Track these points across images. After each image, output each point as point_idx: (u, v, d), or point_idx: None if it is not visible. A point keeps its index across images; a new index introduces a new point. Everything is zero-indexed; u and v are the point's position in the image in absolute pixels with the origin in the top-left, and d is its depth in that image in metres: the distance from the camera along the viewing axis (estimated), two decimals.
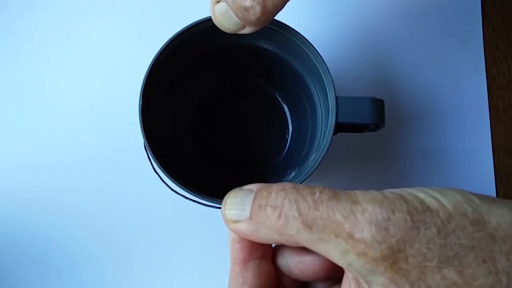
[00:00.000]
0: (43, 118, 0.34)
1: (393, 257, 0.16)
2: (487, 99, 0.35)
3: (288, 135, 0.33)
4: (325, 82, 0.26)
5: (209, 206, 0.28)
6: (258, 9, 0.21)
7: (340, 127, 0.25)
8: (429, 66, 0.35)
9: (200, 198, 0.24)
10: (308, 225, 0.18)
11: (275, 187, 0.19)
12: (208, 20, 0.25)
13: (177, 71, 0.29)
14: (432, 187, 0.18)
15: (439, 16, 0.36)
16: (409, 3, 0.36)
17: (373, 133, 0.28)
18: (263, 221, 0.19)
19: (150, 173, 0.28)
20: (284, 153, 0.32)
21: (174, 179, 0.24)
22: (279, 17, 0.26)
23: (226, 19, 0.22)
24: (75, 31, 0.35)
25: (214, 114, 0.33)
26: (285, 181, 0.29)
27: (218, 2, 0.22)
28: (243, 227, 0.20)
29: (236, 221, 0.20)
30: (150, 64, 0.25)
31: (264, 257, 0.21)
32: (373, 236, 0.16)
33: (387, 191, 0.18)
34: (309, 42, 0.26)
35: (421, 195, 0.17)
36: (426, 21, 0.36)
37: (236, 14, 0.22)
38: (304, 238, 0.18)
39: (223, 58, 0.30)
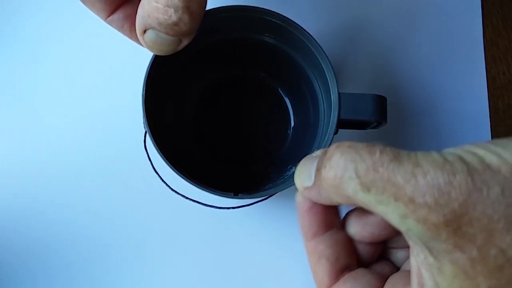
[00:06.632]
0: (47, 115, 0.34)
1: (456, 222, 0.15)
2: (487, 99, 0.35)
3: (290, 130, 0.33)
4: (328, 78, 0.26)
5: (209, 206, 0.28)
6: (186, 18, 0.20)
7: (342, 124, 0.25)
8: (430, 66, 0.35)
9: (202, 189, 0.24)
10: (367, 187, 0.17)
11: (332, 146, 0.18)
12: (212, 13, 0.25)
13: (179, 64, 0.28)
14: (494, 141, 0.17)
15: (439, 16, 0.36)
16: (410, 3, 0.36)
17: (375, 130, 0.28)
18: (321, 183, 0.18)
19: (151, 173, 0.28)
20: (285, 148, 0.32)
21: (177, 169, 0.24)
22: (284, 12, 0.26)
23: (161, 44, 0.22)
24: (74, 29, 0.35)
25: (216, 107, 0.33)
26: (286, 176, 0.29)
27: (145, 32, 0.22)
28: (310, 193, 0.19)
29: (306, 188, 0.20)
30: (153, 56, 0.25)
31: (334, 227, 0.21)
32: (436, 200, 0.15)
33: (447, 152, 0.17)
34: (313, 38, 0.26)
35: (481, 153, 0.16)
36: (426, 20, 0.36)
37: (167, 33, 0.21)
38: (361, 199, 0.17)
39: (226, 51, 0.30)
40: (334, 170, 0.18)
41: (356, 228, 0.21)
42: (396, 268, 0.22)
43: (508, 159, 0.16)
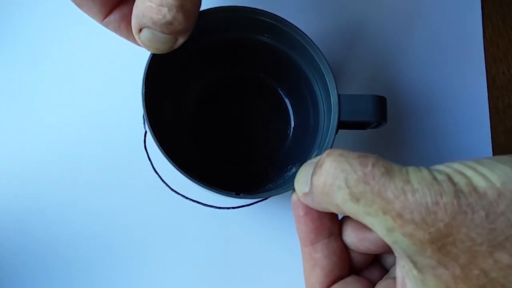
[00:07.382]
0: (47, 115, 0.34)
1: (441, 241, 0.16)
2: (487, 99, 0.35)
3: (290, 130, 0.33)
4: (327, 80, 0.26)
5: (209, 206, 0.28)
6: (180, 16, 0.20)
7: (342, 124, 0.25)
8: (430, 66, 0.35)
9: (205, 187, 0.24)
10: (356, 197, 0.17)
11: (324, 153, 0.19)
12: (209, 13, 0.25)
13: (177, 63, 0.28)
14: (483, 160, 0.17)
15: (439, 16, 0.36)
16: (410, 3, 0.36)
17: (374, 130, 0.28)
18: (312, 190, 0.19)
19: (151, 173, 0.28)
20: (285, 148, 0.32)
21: (180, 168, 0.24)
22: (283, 13, 0.26)
23: (157, 42, 0.22)
24: (74, 29, 0.35)
25: (215, 107, 0.33)
26: (286, 176, 0.29)
27: (140, 31, 0.22)
28: (306, 199, 0.20)
29: (304, 194, 0.20)
30: (150, 55, 0.25)
31: (332, 235, 0.21)
32: (423, 218, 0.16)
33: (437, 170, 0.17)
34: (309, 39, 0.26)
35: (469, 173, 0.16)
36: (426, 20, 0.36)
37: (162, 32, 0.21)
38: (349, 209, 0.18)
39: (224, 51, 0.30)
40: (324, 178, 0.18)
41: (353, 240, 0.21)
42: (386, 272, 0.22)
43: (494, 183, 0.16)
